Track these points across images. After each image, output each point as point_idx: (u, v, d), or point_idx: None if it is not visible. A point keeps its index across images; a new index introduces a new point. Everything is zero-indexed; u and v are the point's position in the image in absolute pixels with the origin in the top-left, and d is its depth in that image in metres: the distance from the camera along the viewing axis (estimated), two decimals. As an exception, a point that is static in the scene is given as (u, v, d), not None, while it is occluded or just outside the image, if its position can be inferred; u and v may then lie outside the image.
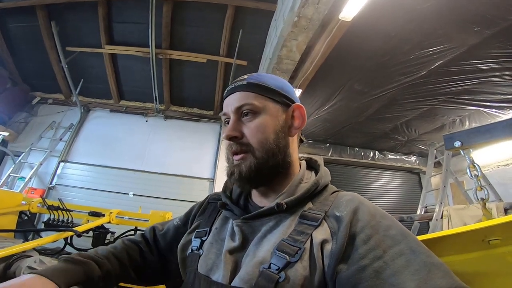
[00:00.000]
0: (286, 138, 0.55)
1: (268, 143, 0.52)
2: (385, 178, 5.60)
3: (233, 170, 0.53)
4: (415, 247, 0.40)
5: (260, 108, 0.54)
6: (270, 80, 0.57)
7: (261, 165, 0.52)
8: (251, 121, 0.53)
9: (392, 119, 4.25)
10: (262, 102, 0.54)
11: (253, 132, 0.53)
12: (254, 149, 0.52)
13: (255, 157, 0.52)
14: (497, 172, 4.26)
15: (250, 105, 0.53)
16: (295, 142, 0.59)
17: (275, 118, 0.54)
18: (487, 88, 3.22)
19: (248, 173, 0.51)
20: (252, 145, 0.52)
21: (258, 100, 0.54)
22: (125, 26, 4.19)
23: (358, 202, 0.48)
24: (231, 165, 0.54)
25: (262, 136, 0.52)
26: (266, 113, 0.54)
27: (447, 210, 2.49)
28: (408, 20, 2.40)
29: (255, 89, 0.55)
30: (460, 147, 1.18)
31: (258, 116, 0.53)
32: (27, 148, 4.37)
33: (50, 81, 4.83)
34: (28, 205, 1.96)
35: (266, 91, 0.55)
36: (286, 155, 0.55)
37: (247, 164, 0.52)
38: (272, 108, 0.55)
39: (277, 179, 0.55)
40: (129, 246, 0.66)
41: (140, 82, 4.81)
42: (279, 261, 0.43)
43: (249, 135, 0.53)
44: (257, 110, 0.53)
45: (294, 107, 0.58)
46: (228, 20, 3.84)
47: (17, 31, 4.26)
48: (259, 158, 0.52)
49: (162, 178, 4.55)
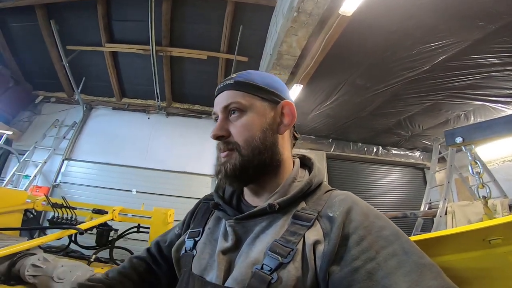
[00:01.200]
0: (274, 135, 0.55)
1: (254, 141, 0.52)
2: (389, 173, 5.56)
3: (219, 168, 0.53)
4: (407, 248, 0.40)
5: (247, 106, 0.53)
6: (258, 78, 0.56)
7: (247, 163, 0.51)
8: (237, 120, 0.53)
9: (396, 114, 4.21)
10: (249, 100, 0.54)
11: (239, 130, 0.53)
12: (240, 147, 0.52)
13: (240, 155, 0.52)
14: (502, 168, 4.20)
15: (237, 104, 0.53)
16: (286, 140, 0.58)
17: (262, 116, 0.54)
18: (492, 83, 3.16)
19: (233, 171, 0.51)
20: (238, 143, 0.52)
21: (244, 98, 0.54)
22: (125, 24, 4.19)
23: (351, 202, 0.47)
24: (218, 163, 0.55)
25: (248, 134, 0.52)
26: (252, 111, 0.54)
27: (451, 207, 2.47)
28: (409, 15, 2.36)
29: (242, 87, 0.55)
30: (461, 143, 1.15)
31: (244, 115, 0.53)
32: (31, 146, 4.43)
33: (52, 80, 4.87)
34: (33, 203, 1.99)
35: (253, 89, 0.55)
36: (274, 153, 0.54)
37: (232, 162, 0.52)
38: (259, 106, 0.54)
39: (267, 177, 0.55)
40: (138, 264, 0.67)
41: (141, 80, 4.82)
42: (271, 262, 0.42)
43: (235, 133, 0.53)
44: (244, 108, 0.53)
45: (283, 104, 0.57)
46: (228, 16, 3.81)
47: (18, 30, 4.28)
48: (245, 156, 0.51)
49: (165, 175, 4.59)
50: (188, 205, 0.74)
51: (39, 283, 1.16)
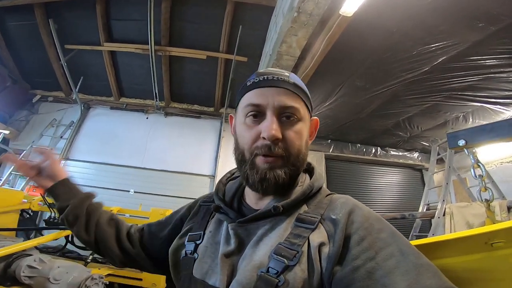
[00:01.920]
0: (307, 148, 0.55)
1: (302, 151, 0.51)
2: (387, 174, 5.57)
3: (266, 175, 0.48)
4: (404, 249, 0.40)
5: (300, 113, 0.51)
6: (304, 86, 0.55)
7: (294, 173, 0.51)
8: (292, 126, 0.50)
9: (394, 115, 4.22)
10: (304, 108, 0.53)
11: (294, 138, 0.50)
12: (290, 156, 0.49)
13: (289, 164, 0.49)
14: (500, 169, 4.23)
15: (297, 110, 0.50)
16: None
17: (307, 127, 0.54)
18: (491, 84, 3.18)
19: (283, 180, 0.48)
20: (290, 150, 0.49)
21: (301, 105, 0.52)
22: (123, 23, 4.16)
23: (353, 205, 0.49)
24: (263, 169, 0.48)
25: (299, 144, 0.51)
26: (304, 121, 0.52)
27: (449, 208, 2.47)
28: (409, 16, 2.36)
29: (300, 92, 0.52)
30: (464, 146, 1.14)
31: (299, 123, 0.51)
32: (28, 146, 4.39)
33: (50, 79, 4.84)
34: (30, 204, 1.97)
35: (307, 98, 0.54)
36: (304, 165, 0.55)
37: (283, 170, 0.49)
38: (307, 116, 0.54)
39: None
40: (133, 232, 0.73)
41: (140, 79, 4.80)
42: (277, 265, 0.42)
43: (289, 140, 0.49)
44: (298, 115, 0.51)
45: (314, 121, 0.59)
46: (228, 16, 3.80)
47: (16, 29, 4.25)
48: (293, 166, 0.50)
49: (163, 175, 4.56)
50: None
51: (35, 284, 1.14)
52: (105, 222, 0.69)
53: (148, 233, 0.71)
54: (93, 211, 0.69)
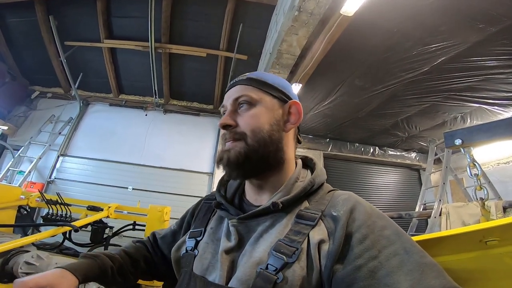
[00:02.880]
0: (280, 132, 0.55)
1: (261, 132, 0.52)
2: (385, 174, 5.60)
3: (222, 156, 0.53)
4: (409, 248, 0.40)
5: (257, 99, 0.55)
6: (269, 77, 0.59)
7: (251, 153, 0.51)
8: (246, 112, 0.55)
9: (393, 115, 4.23)
10: (259, 94, 0.56)
11: (247, 121, 0.54)
12: (247, 137, 0.52)
13: (246, 144, 0.52)
14: (497, 170, 4.26)
15: (247, 97, 0.55)
16: (290, 139, 0.59)
17: (271, 111, 0.55)
18: (490, 85, 3.19)
19: (236, 158, 0.51)
20: (245, 132, 0.53)
21: (255, 92, 0.56)
22: (124, 20, 4.14)
23: (355, 202, 0.48)
24: (220, 151, 0.55)
25: (255, 124, 0.53)
26: (262, 105, 0.55)
27: (445, 208, 2.48)
28: (411, 16, 2.36)
29: (254, 83, 0.57)
30: (460, 145, 1.15)
31: (253, 107, 0.55)
32: (26, 142, 4.37)
33: (49, 75, 4.81)
34: (27, 200, 1.96)
35: (264, 85, 0.57)
36: (278, 149, 0.55)
37: (237, 150, 0.52)
38: (268, 101, 0.56)
39: (270, 173, 0.55)
40: (139, 246, 0.72)
41: (139, 76, 4.78)
42: (276, 261, 0.42)
43: (242, 124, 0.54)
44: (253, 101, 0.55)
45: (290, 103, 0.58)
46: (229, 14, 3.79)
47: (16, 25, 4.22)
48: (250, 146, 0.52)
49: (161, 172, 4.56)
50: (184, 203, 0.75)
51: (33, 280, 1.15)
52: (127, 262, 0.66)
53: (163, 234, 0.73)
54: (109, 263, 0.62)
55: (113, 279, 0.60)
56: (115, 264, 0.60)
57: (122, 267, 0.62)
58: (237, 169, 0.53)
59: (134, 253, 0.68)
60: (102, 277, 0.58)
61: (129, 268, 0.64)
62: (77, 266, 0.54)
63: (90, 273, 0.55)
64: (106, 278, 0.58)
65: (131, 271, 0.64)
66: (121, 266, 0.62)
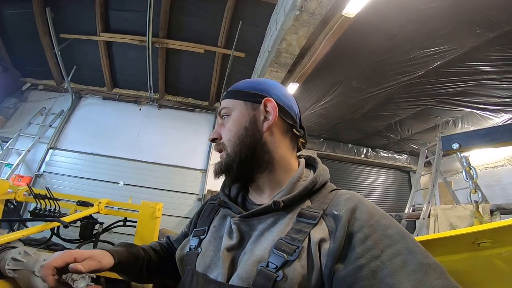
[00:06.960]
0: (258, 133, 0.56)
1: (238, 139, 0.56)
2: (376, 175, 5.69)
3: (214, 167, 0.59)
4: (412, 248, 0.40)
5: (231, 109, 0.59)
6: (243, 84, 0.62)
7: (230, 160, 0.56)
8: (227, 123, 0.59)
9: (387, 117, 4.29)
10: (233, 104, 0.59)
11: (225, 132, 0.58)
12: (226, 147, 0.57)
13: (227, 154, 0.57)
14: (485, 174, 4.37)
15: (225, 109, 0.60)
16: (278, 137, 0.57)
17: (243, 116, 0.57)
18: (483, 90, 3.26)
19: (219, 167, 0.57)
20: (224, 143, 0.58)
21: (230, 103, 0.60)
22: (122, 14, 4.07)
23: (357, 201, 0.48)
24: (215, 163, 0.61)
25: (230, 134, 0.57)
26: (236, 112, 0.58)
27: (434, 210, 2.54)
28: (412, 20, 2.38)
29: (229, 94, 0.61)
30: (458, 149, 1.17)
31: (230, 118, 0.59)
32: (15, 134, 4.25)
33: (41, 67, 4.69)
34: (14, 194, 1.89)
35: (237, 93, 0.60)
36: (257, 150, 0.55)
37: (221, 160, 0.58)
38: (241, 107, 0.58)
39: (262, 174, 0.56)
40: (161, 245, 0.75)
41: (134, 71, 4.70)
42: (277, 259, 0.43)
43: (224, 135, 0.58)
44: (229, 112, 0.59)
45: (264, 101, 0.57)
46: (228, 11, 3.77)
47: (10, 17, 4.12)
48: (229, 154, 0.56)
49: (154, 168, 4.50)
50: (177, 200, 0.75)
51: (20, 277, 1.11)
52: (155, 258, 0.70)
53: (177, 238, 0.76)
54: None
55: (141, 271, 0.63)
56: (146, 254, 0.66)
57: (151, 260, 0.67)
58: (227, 176, 0.58)
59: (160, 251, 0.72)
60: (133, 265, 0.62)
61: (156, 262, 0.68)
62: (115, 249, 0.59)
63: (125, 258, 0.59)
64: (136, 268, 0.62)
65: (157, 267, 0.68)
66: (150, 260, 0.66)
